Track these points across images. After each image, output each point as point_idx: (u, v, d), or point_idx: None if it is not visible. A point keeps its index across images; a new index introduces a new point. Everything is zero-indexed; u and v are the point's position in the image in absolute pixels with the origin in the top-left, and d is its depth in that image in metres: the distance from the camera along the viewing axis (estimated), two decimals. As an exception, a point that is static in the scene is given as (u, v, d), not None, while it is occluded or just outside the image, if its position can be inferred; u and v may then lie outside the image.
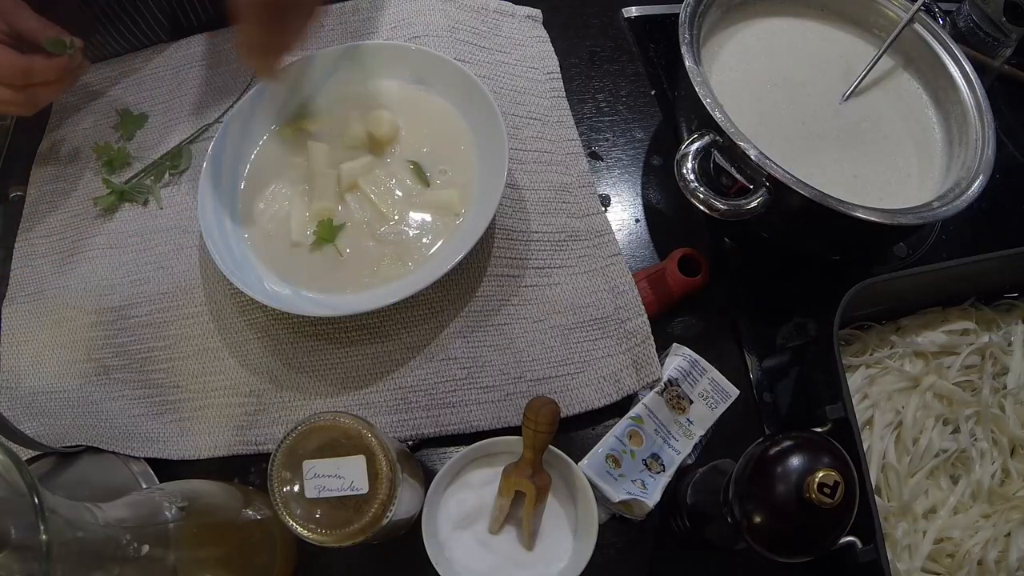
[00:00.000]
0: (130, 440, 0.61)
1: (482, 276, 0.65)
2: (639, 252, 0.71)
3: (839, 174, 0.64)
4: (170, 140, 0.74)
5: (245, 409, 0.62)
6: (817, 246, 0.67)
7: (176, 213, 0.70)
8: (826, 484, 0.41)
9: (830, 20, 0.74)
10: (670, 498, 0.59)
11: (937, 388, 0.62)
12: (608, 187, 0.74)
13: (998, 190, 0.73)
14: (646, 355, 0.63)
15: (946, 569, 0.58)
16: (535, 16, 0.82)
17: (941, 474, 0.60)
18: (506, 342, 0.63)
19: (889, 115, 0.69)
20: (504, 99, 0.74)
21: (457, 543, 0.55)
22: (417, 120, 0.69)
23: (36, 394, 0.64)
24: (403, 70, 0.71)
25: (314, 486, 0.44)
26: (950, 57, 0.68)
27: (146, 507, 0.44)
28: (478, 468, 0.58)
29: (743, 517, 0.45)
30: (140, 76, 0.79)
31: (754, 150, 0.57)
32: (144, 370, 0.64)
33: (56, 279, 0.69)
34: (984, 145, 0.62)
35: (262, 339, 0.64)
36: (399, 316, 0.64)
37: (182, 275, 0.67)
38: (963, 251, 0.71)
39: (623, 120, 0.78)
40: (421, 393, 0.61)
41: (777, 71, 0.70)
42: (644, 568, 0.59)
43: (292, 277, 0.63)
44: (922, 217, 0.57)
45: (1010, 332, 0.66)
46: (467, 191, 0.66)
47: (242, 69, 0.77)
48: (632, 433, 0.59)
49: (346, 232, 0.64)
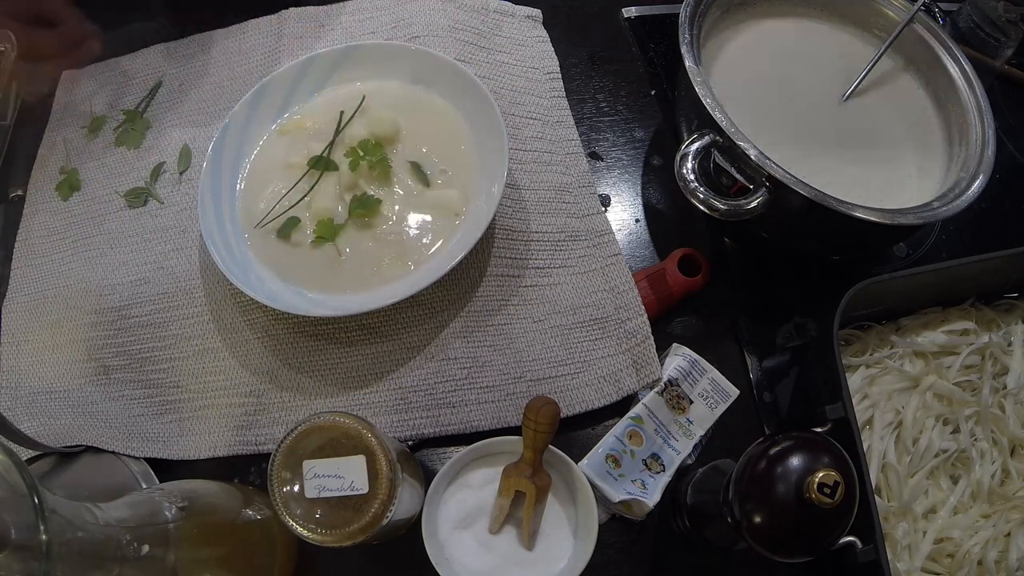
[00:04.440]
0: (130, 440, 0.61)
1: (482, 276, 0.65)
2: (639, 252, 0.71)
3: (839, 174, 0.64)
4: (171, 140, 0.74)
5: (245, 409, 0.62)
6: (817, 246, 0.67)
7: (176, 213, 0.70)
8: (826, 484, 0.41)
9: (830, 20, 0.74)
10: (670, 498, 0.59)
11: (937, 388, 0.62)
12: (608, 187, 0.74)
13: (998, 190, 0.73)
14: (646, 355, 0.63)
15: (946, 569, 0.58)
16: (535, 16, 0.82)
17: (941, 474, 0.60)
18: (506, 342, 0.63)
19: (889, 115, 0.69)
20: (504, 99, 0.74)
21: (457, 543, 0.55)
22: (417, 120, 0.69)
23: (36, 394, 0.64)
24: (403, 70, 0.71)
25: (314, 486, 0.44)
26: (950, 57, 0.68)
27: (146, 507, 0.44)
28: (478, 468, 0.58)
29: (743, 517, 0.45)
30: (140, 76, 0.79)
31: (754, 150, 0.57)
32: (144, 370, 0.64)
33: (56, 279, 0.69)
34: (984, 145, 0.62)
35: (262, 339, 0.64)
36: (399, 316, 0.64)
37: (182, 275, 0.67)
38: (963, 251, 0.71)
39: (623, 120, 0.78)
40: (421, 393, 0.61)
41: (777, 71, 0.70)
42: (644, 568, 0.59)
43: (292, 277, 0.63)
44: (922, 217, 0.57)
45: (1010, 332, 0.66)
46: (467, 191, 0.66)
47: (243, 69, 0.77)
48: (632, 433, 0.59)
49: (346, 232, 0.64)
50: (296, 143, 0.69)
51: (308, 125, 0.70)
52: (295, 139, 0.69)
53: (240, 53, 0.79)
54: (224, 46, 0.80)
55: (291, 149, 0.68)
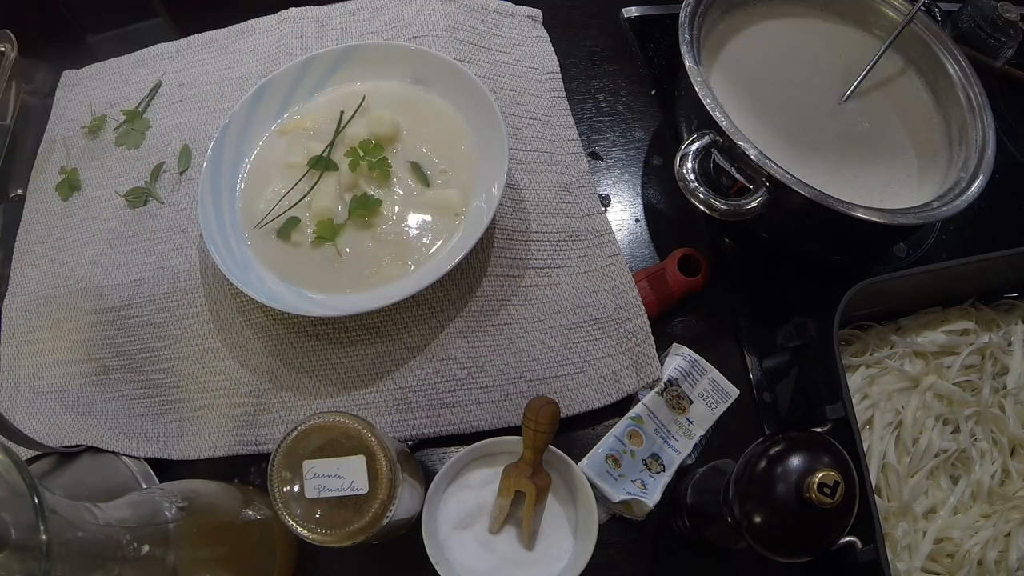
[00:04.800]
0: (130, 440, 0.61)
1: (482, 276, 0.65)
2: (639, 252, 0.71)
3: (839, 174, 0.64)
4: (171, 140, 0.74)
5: (245, 409, 0.62)
6: (817, 246, 0.67)
7: (176, 213, 0.70)
8: (826, 484, 0.41)
9: (830, 20, 0.74)
10: (670, 498, 0.59)
11: (937, 388, 0.62)
12: (608, 187, 0.74)
13: (998, 190, 0.73)
14: (646, 355, 0.63)
15: (946, 569, 0.58)
16: (535, 16, 0.82)
17: (941, 474, 0.60)
18: (506, 342, 0.63)
19: (889, 115, 0.69)
20: (504, 99, 0.74)
21: (457, 543, 0.55)
22: (417, 120, 0.69)
23: (36, 394, 0.64)
24: (403, 70, 0.71)
25: (314, 486, 0.44)
26: (950, 57, 0.68)
27: (146, 507, 0.44)
28: (478, 468, 0.58)
29: (743, 517, 0.44)
30: (140, 76, 0.79)
31: (754, 150, 0.57)
32: (144, 370, 0.64)
33: (56, 279, 0.69)
34: (984, 145, 0.62)
35: (262, 339, 0.64)
36: (399, 316, 0.64)
37: (182, 275, 0.67)
38: (963, 251, 0.71)
39: (623, 120, 0.78)
40: (421, 393, 0.61)
41: (777, 71, 0.70)
42: (644, 568, 0.59)
43: (292, 277, 0.63)
44: (922, 217, 0.57)
45: (1010, 332, 0.66)
46: (467, 191, 0.66)
47: (243, 69, 0.77)
48: (632, 433, 0.59)
49: (346, 232, 0.64)
50: (296, 143, 0.69)
51: (308, 125, 0.70)
52: (295, 139, 0.69)
53: (240, 53, 0.79)
54: (224, 46, 0.80)
55: (291, 149, 0.68)
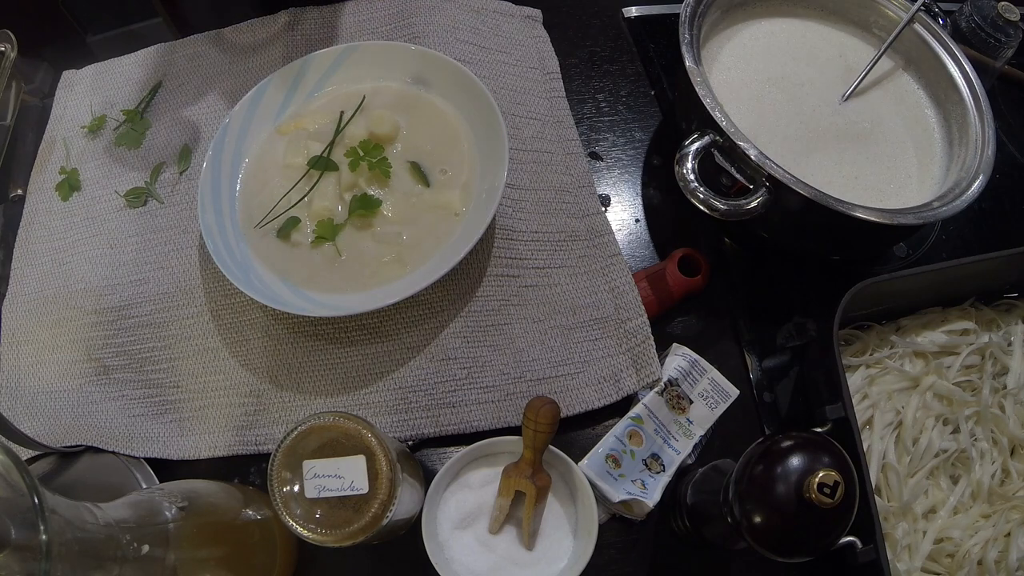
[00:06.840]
0: (130, 440, 0.61)
1: (482, 276, 0.65)
2: (639, 252, 0.71)
3: (839, 174, 0.64)
4: (171, 140, 0.74)
5: (245, 409, 0.62)
6: (817, 246, 0.67)
7: (176, 213, 0.70)
8: (826, 484, 0.42)
9: (830, 20, 0.74)
10: (670, 498, 0.59)
11: (937, 388, 0.62)
12: (608, 187, 0.74)
13: (998, 190, 0.73)
14: (646, 355, 0.63)
15: (946, 569, 0.58)
16: (535, 16, 0.82)
17: (941, 474, 0.60)
18: (506, 342, 0.63)
19: (889, 115, 0.69)
20: (504, 99, 0.74)
21: (457, 543, 0.55)
22: (417, 120, 0.69)
23: (36, 394, 0.64)
24: (403, 70, 0.71)
25: (314, 486, 0.44)
26: (950, 57, 0.68)
27: (146, 507, 0.44)
28: (478, 468, 0.58)
29: (743, 517, 0.45)
30: (140, 76, 0.79)
31: (754, 150, 0.57)
32: (144, 370, 0.64)
33: (56, 279, 0.69)
34: (984, 145, 0.62)
35: (262, 339, 0.64)
36: (399, 316, 0.64)
37: (182, 275, 0.67)
38: (963, 251, 0.71)
39: (623, 120, 0.78)
40: (421, 393, 0.61)
41: (777, 71, 0.70)
42: (644, 568, 0.59)
43: (292, 277, 0.63)
44: (922, 217, 0.57)
45: (1010, 332, 0.66)
46: (467, 191, 0.66)
47: (243, 69, 0.77)
48: (632, 433, 0.59)
49: (346, 232, 0.64)
50: (296, 143, 0.69)
51: (308, 125, 0.70)
52: (295, 139, 0.69)
53: (240, 53, 0.79)
54: (224, 46, 0.80)
55: (291, 149, 0.68)
